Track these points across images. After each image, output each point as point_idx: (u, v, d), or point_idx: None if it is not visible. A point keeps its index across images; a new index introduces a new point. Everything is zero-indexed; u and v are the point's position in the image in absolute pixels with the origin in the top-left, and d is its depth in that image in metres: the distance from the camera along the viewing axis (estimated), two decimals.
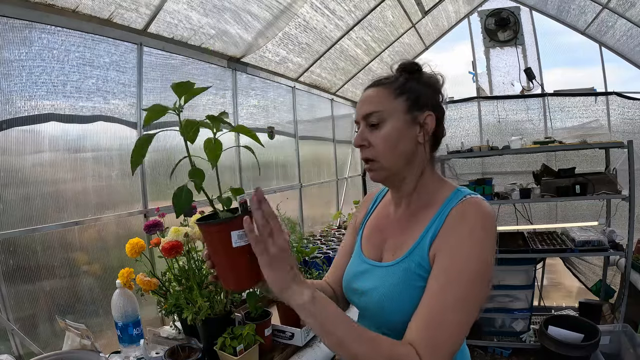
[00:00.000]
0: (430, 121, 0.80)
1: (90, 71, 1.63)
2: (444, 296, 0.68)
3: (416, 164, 0.82)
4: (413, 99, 0.80)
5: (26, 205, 1.42)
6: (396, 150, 0.79)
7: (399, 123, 0.79)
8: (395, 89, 0.81)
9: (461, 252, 0.70)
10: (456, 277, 0.69)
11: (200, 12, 1.94)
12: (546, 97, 3.80)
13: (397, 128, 0.79)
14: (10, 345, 1.33)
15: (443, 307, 0.68)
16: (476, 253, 0.70)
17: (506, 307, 3.04)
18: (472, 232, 0.71)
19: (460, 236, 0.72)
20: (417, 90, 0.81)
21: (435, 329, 0.67)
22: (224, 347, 1.28)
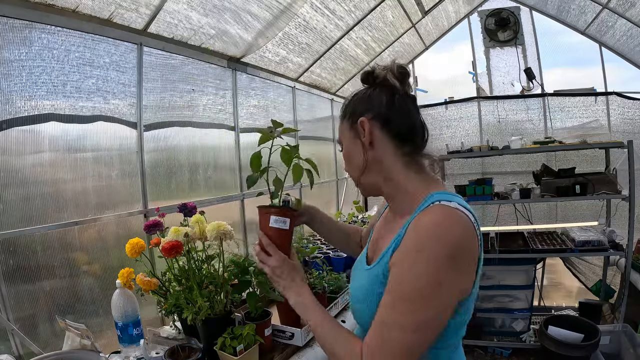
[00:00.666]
0: (365, 126, 0.80)
1: (90, 71, 1.63)
2: (390, 312, 0.69)
3: (379, 169, 0.82)
4: (350, 116, 0.84)
5: (26, 205, 1.42)
6: (352, 166, 0.86)
7: (348, 142, 0.85)
8: (342, 113, 0.88)
9: (408, 268, 0.68)
10: (400, 295, 0.68)
11: (200, 12, 1.94)
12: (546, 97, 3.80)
13: (347, 145, 0.86)
14: (10, 345, 1.33)
15: (387, 322, 0.69)
16: (421, 270, 0.66)
17: (506, 307, 3.04)
18: (420, 248, 0.67)
19: (409, 250, 0.69)
20: (352, 106, 0.85)
21: (381, 340, 0.69)
22: (224, 347, 1.28)
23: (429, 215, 0.70)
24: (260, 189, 1.09)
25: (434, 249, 0.66)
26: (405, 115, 0.81)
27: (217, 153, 2.43)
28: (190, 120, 2.19)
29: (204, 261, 1.41)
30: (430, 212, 0.71)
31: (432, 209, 0.71)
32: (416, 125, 0.83)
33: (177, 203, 1.57)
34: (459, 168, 4.02)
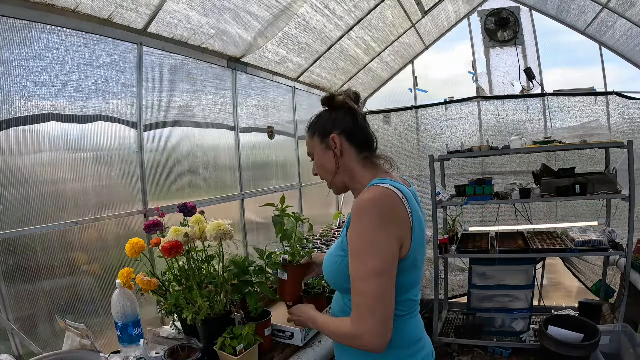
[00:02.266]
0: (336, 140, 1.05)
1: (90, 71, 1.63)
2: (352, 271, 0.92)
3: (345, 171, 1.07)
4: (321, 132, 1.08)
5: (26, 205, 1.42)
6: (326, 171, 1.10)
7: (320, 153, 1.09)
8: (311, 132, 1.12)
9: (351, 233, 0.93)
10: (353, 255, 0.92)
11: (200, 12, 1.94)
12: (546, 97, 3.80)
13: (320, 157, 1.10)
14: (10, 345, 1.33)
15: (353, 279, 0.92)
16: (360, 230, 0.90)
17: (506, 307, 3.04)
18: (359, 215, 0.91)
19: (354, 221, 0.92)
20: (323, 123, 1.09)
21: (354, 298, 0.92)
22: (224, 347, 1.28)
23: (365, 194, 0.94)
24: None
25: (368, 214, 0.90)
26: (363, 129, 1.08)
27: (217, 153, 2.43)
28: (190, 120, 2.19)
29: (204, 261, 1.41)
30: (366, 191, 0.96)
31: (369, 189, 0.96)
32: (370, 136, 1.10)
33: (177, 203, 1.57)
34: (459, 168, 4.01)
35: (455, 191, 3.29)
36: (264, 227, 2.78)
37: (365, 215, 0.90)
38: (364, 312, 0.89)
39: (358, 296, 0.90)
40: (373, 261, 0.88)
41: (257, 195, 2.74)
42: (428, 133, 4.21)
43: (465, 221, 3.66)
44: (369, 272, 0.88)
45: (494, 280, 3.04)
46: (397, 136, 4.27)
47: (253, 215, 2.70)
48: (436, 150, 3.73)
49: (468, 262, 3.24)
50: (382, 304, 0.88)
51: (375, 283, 0.88)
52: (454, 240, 3.24)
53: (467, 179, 3.39)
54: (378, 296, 0.88)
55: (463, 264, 3.61)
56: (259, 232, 2.75)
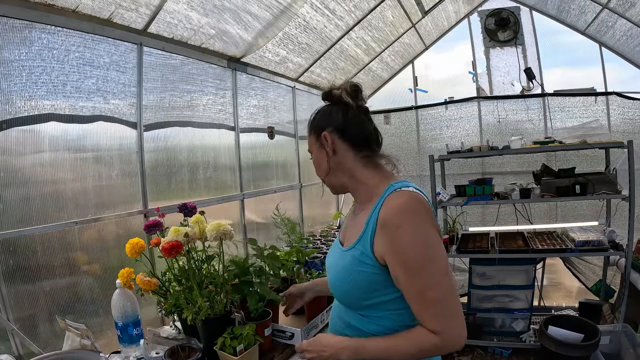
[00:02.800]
0: (328, 138, 0.98)
1: (90, 71, 1.63)
2: (416, 284, 0.84)
3: (343, 170, 1.00)
4: (316, 130, 1.01)
5: (26, 205, 1.42)
6: (320, 169, 1.03)
7: (315, 151, 1.03)
8: (308, 129, 1.05)
9: (402, 245, 0.84)
10: (413, 266, 0.83)
11: (200, 12, 1.94)
12: (546, 97, 3.80)
13: (316, 155, 1.03)
14: (10, 345, 1.33)
15: (421, 292, 0.83)
16: (411, 241, 0.83)
17: (506, 307, 3.03)
18: (398, 227, 0.84)
19: (393, 233, 0.85)
20: (316, 122, 1.02)
21: (428, 307, 0.83)
22: (224, 347, 1.28)
23: (396, 200, 0.87)
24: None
25: (411, 220, 0.84)
26: (359, 125, 0.99)
27: (217, 153, 2.43)
28: (190, 120, 2.19)
29: (204, 261, 1.41)
30: (396, 196, 0.88)
31: (397, 194, 0.89)
32: (370, 133, 1.00)
33: (177, 203, 1.57)
34: (459, 168, 4.01)
35: (455, 191, 3.29)
36: (264, 227, 2.78)
37: (410, 222, 0.84)
38: (447, 316, 0.83)
39: (434, 305, 0.83)
40: (438, 265, 0.84)
41: (257, 195, 2.74)
42: (428, 133, 4.21)
43: (465, 221, 3.67)
44: (440, 277, 0.83)
45: (494, 280, 3.04)
46: (397, 136, 4.27)
47: (253, 215, 2.70)
48: (436, 150, 3.73)
49: (468, 262, 3.24)
50: (457, 302, 0.85)
51: (447, 284, 0.84)
52: (454, 240, 3.24)
53: (467, 179, 3.39)
54: (453, 296, 0.84)
55: (463, 264, 3.61)
56: (258, 232, 2.75)
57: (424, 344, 0.84)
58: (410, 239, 0.83)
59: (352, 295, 0.93)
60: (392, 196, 0.88)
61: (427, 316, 0.84)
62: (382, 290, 0.90)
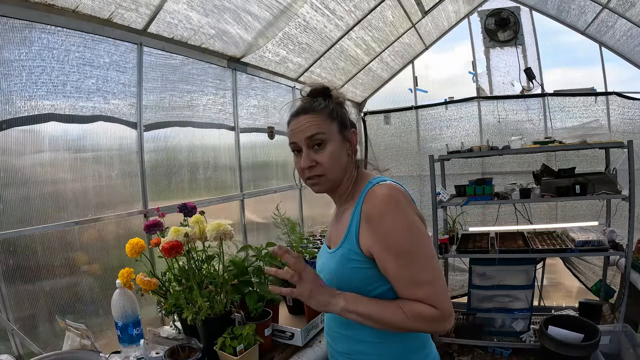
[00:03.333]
0: (354, 137, 0.99)
1: (90, 71, 1.63)
2: (407, 270, 0.85)
3: (348, 171, 1.00)
4: (341, 121, 0.97)
5: (26, 205, 1.42)
6: (339, 164, 0.96)
7: (337, 142, 0.95)
8: (329, 114, 0.95)
9: (390, 233, 0.85)
10: (401, 252, 0.85)
11: (200, 12, 1.94)
12: (546, 97, 3.80)
13: (337, 147, 0.95)
14: (10, 345, 1.33)
15: (411, 275, 0.85)
16: (397, 228, 0.85)
17: (506, 307, 3.04)
18: (382, 216, 0.86)
19: (377, 224, 0.86)
20: (342, 113, 0.98)
21: (423, 289, 0.85)
22: (224, 347, 1.28)
23: (377, 192, 0.89)
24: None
25: (394, 209, 0.86)
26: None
27: (217, 153, 2.43)
28: (190, 120, 2.19)
29: (204, 261, 1.41)
30: (376, 189, 0.90)
31: (377, 187, 0.90)
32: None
33: (177, 203, 1.57)
34: (459, 168, 4.01)
35: (455, 191, 3.29)
36: (264, 227, 2.78)
37: (392, 211, 0.86)
38: (440, 295, 0.85)
39: (427, 286, 0.85)
40: (425, 248, 0.86)
41: (257, 195, 2.74)
42: (428, 133, 4.21)
43: (465, 221, 3.67)
44: (428, 259, 0.86)
45: (494, 280, 3.04)
46: (397, 136, 4.27)
47: (253, 215, 2.70)
48: (436, 150, 3.73)
49: (468, 262, 3.24)
50: (445, 283, 0.89)
51: (436, 266, 0.87)
52: (454, 240, 3.24)
53: (467, 179, 3.39)
54: (442, 277, 0.87)
55: (463, 264, 3.61)
56: (258, 232, 2.75)
57: (424, 310, 0.84)
58: (395, 226, 0.85)
59: (351, 291, 0.94)
60: (373, 190, 0.90)
61: (421, 296, 0.85)
62: (374, 284, 0.91)
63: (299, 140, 0.95)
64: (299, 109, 0.98)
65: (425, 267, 0.85)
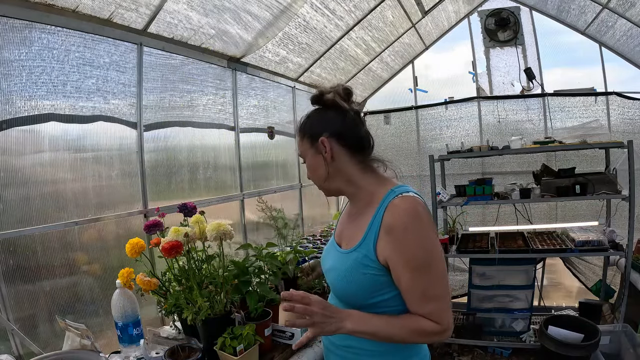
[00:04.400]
0: (326, 144, 0.96)
1: (90, 71, 1.63)
2: (421, 283, 0.87)
3: (341, 176, 0.99)
4: (310, 136, 0.99)
5: (26, 205, 1.42)
6: (317, 175, 1.01)
7: (310, 156, 1.01)
8: (301, 134, 1.02)
9: (409, 246, 0.87)
10: (418, 266, 0.86)
11: (200, 12, 1.94)
12: (546, 97, 3.80)
13: (311, 160, 1.01)
14: (10, 345, 1.33)
15: (424, 289, 0.87)
16: (418, 242, 0.87)
17: (506, 307, 3.03)
18: (407, 227, 0.87)
19: (400, 235, 0.87)
20: (312, 125, 1.00)
21: (431, 305, 0.87)
22: (224, 347, 1.28)
23: (402, 205, 0.89)
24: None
25: (418, 223, 0.87)
26: (354, 129, 0.99)
27: (217, 153, 2.43)
28: (190, 120, 2.19)
29: (204, 261, 1.41)
30: (401, 201, 0.90)
31: (402, 199, 0.91)
32: (363, 136, 1.00)
33: (177, 203, 1.57)
34: (459, 168, 4.01)
35: (455, 191, 3.29)
36: (264, 227, 2.78)
37: (415, 226, 0.87)
38: (445, 309, 0.89)
39: (436, 301, 0.88)
40: (439, 266, 0.89)
41: (257, 195, 2.74)
42: (428, 133, 4.21)
43: (465, 221, 3.67)
44: (442, 276, 0.89)
45: (494, 280, 3.04)
46: (397, 136, 4.27)
47: (253, 215, 2.70)
48: (436, 150, 3.73)
49: (468, 262, 3.24)
50: (450, 299, 0.93)
51: (447, 283, 0.90)
52: (454, 240, 3.24)
53: (467, 179, 3.39)
54: (449, 293, 0.92)
55: (463, 264, 3.61)
56: (258, 232, 2.75)
57: (426, 326, 0.88)
58: (417, 241, 0.87)
59: (355, 295, 0.94)
60: (397, 201, 0.90)
61: (428, 310, 0.88)
62: (385, 289, 0.92)
63: None
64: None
65: (438, 284, 0.88)
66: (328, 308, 0.90)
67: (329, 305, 0.92)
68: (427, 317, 0.88)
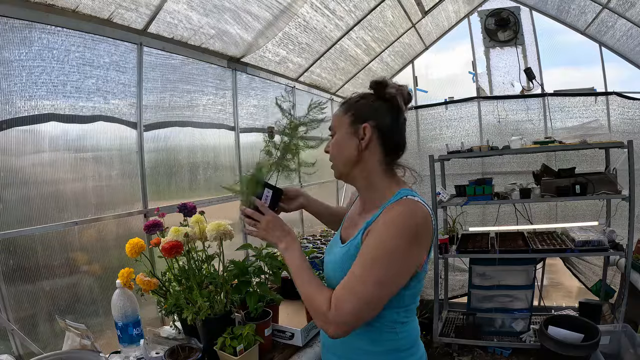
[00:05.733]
0: (367, 132, 0.95)
1: (90, 71, 1.63)
2: (357, 269, 0.86)
3: (362, 167, 0.98)
4: (356, 115, 0.97)
5: (26, 205, 1.42)
6: (342, 155, 0.99)
7: (344, 134, 0.98)
8: (346, 108, 1.00)
9: (374, 239, 0.87)
10: (367, 256, 0.86)
11: (200, 12, 1.94)
12: (546, 97, 3.80)
13: (343, 138, 0.98)
14: (10, 345, 1.33)
15: (354, 278, 0.86)
16: (382, 242, 0.85)
17: (506, 307, 3.04)
18: (389, 225, 0.86)
19: (380, 227, 0.88)
20: (362, 107, 0.98)
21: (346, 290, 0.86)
22: (224, 347, 1.28)
23: (400, 206, 0.89)
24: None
25: (400, 227, 0.85)
26: (399, 134, 0.99)
27: (217, 153, 2.43)
28: (190, 120, 2.19)
29: (204, 261, 1.41)
30: (401, 203, 0.90)
31: (403, 200, 0.90)
32: (403, 143, 1.00)
33: (177, 203, 1.57)
34: (459, 168, 4.01)
35: (455, 191, 3.29)
36: None
37: (397, 227, 0.85)
38: (347, 308, 0.84)
39: (349, 294, 0.85)
40: (382, 270, 0.84)
41: None
42: (428, 133, 4.21)
43: (465, 221, 3.67)
44: (374, 279, 0.84)
45: (494, 280, 3.04)
46: None
47: None
48: (436, 150, 3.73)
49: (468, 262, 3.24)
50: (368, 309, 0.86)
51: (374, 292, 0.84)
52: (454, 240, 3.24)
53: (467, 179, 3.39)
54: (368, 302, 0.85)
55: (463, 264, 3.61)
56: None
57: (321, 301, 0.87)
58: (381, 237, 0.86)
59: None
60: (398, 202, 0.91)
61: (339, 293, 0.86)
62: None
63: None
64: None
65: (367, 284, 0.84)
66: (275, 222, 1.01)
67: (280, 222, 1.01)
68: (332, 297, 0.86)
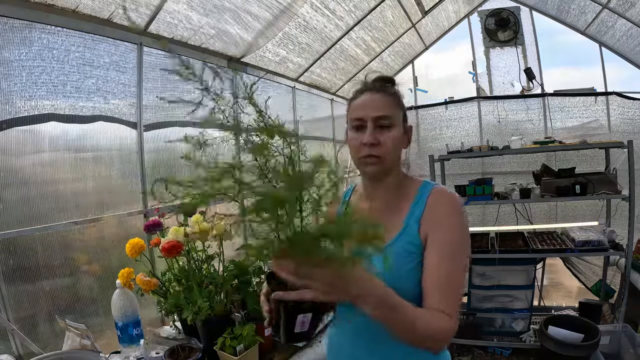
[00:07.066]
0: (410, 132, 0.99)
1: (90, 71, 1.63)
2: (446, 265, 0.84)
3: (399, 163, 0.99)
4: (404, 112, 0.97)
5: (26, 205, 1.42)
6: (397, 152, 0.95)
7: (400, 130, 0.94)
8: (398, 102, 0.95)
9: (449, 229, 0.88)
10: (449, 248, 0.86)
11: (200, 12, 1.94)
12: (546, 97, 3.80)
13: (399, 133, 0.94)
14: (10, 345, 1.33)
15: (447, 274, 0.84)
16: (459, 229, 0.88)
17: (506, 307, 3.03)
18: (451, 213, 0.89)
19: (444, 217, 0.89)
20: (404, 106, 0.98)
21: (449, 292, 0.83)
22: (224, 347, 1.28)
23: (446, 194, 0.93)
24: None
25: (461, 213, 0.90)
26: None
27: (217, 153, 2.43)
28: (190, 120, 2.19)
29: (204, 261, 1.41)
30: (442, 191, 0.94)
31: (440, 189, 0.95)
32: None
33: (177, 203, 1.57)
34: (459, 168, 4.01)
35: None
36: None
37: (460, 214, 0.90)
38: (454, 305, 0.83)
39: (451, 289, 0.83)
40: (464, 258, 0.88)
41: None
42: (428, 133, 4.21)
43: None
44: (463, 269, 0.87)
45: (494, 280, 3.04)
46: None
47: None
48: (436, 150, 3.73)
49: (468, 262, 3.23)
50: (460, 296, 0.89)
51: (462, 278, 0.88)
52: None
53: (467, 179, 3.39)
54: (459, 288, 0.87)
55: None
56: None
57: (442, 321, 0.77)
58: (458, 228, 0.88)
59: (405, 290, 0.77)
60: (439, 191, 0.93)
61: (444, 297, 0.81)
62: None
63: (366, 116, 0.90)
64: (372, 85, 0.95)
65: (460, 274, 0.86)
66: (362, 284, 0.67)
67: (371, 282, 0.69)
68: (441, 305, 0.79)
